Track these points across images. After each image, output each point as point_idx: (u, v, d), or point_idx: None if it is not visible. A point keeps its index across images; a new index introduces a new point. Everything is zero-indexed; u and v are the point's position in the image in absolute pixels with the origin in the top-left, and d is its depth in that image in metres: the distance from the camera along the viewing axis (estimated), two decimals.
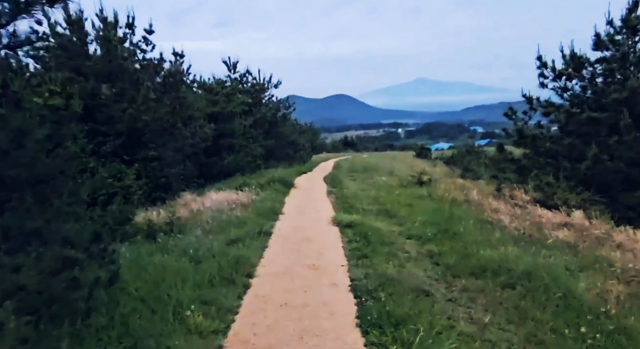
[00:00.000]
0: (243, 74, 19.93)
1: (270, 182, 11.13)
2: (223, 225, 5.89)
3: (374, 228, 6.02)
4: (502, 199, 8.92)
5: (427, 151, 49.57)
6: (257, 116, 19.35)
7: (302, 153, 24.45)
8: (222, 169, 14.81)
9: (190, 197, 9.05)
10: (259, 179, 12.36)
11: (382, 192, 10.86)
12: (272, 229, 6.00)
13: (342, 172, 18.62)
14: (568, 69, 8.95)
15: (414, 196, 9.68)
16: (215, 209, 7.07)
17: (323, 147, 47.69)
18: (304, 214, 7.27)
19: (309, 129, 37.41)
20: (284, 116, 22.40)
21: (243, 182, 11.29)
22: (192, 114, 12.45)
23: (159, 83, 12.32)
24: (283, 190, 10.45)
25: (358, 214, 7.30)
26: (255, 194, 8.74)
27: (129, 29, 11.72)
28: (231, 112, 16.13)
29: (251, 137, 16.62)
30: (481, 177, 27.48)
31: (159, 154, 11.04)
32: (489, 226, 6.26)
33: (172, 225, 5.89)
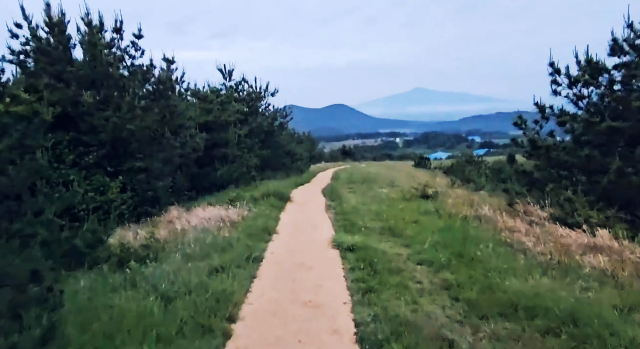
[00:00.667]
0: (239, 82, 19.34)
1: (265, 195, 10.40)
2: (207, 249, 5.16)
3: (379, 252, 5.30)
4: (517, 216, 8.23)
5: (426, 161, 49.01)
6: (253, 125, 18.69)
7: (300, 163, 23.76)
8: (215, 180, 14.09)
9: (177, 213, 8.32)
10: (253, 191, 11.63)
11: (384, 206, 10.14)
12: (263, 252, 5.27)
13: (340, 184, 17.90)
14: (584, 75, 8.33)
15: (419, 211, 8.97)
16: (201, 228, 6.34)
17: (321, 157, 47.07)
18: (300, 234, 6.54)
19: (307, 139, 36.80)
20: (281, 125, 21.77)
21: (236, 195, 10.57)
22: (183, 123, 11.77)
23: (148, 91, 11.67)
24: (278, 204, 9.72)
25: (360, 233, 6.57)
26: (247, 210, 8.01)
27: (117, 34, 11.09)
28: (225, 121, 15.47)
29: (246, 147, 15.94)
30: (483, 188, 26.88)
31: (146, 166, 10.32)
32: (508, 248, 5.54)
33: (149, 249, 5.15)
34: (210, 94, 16.50)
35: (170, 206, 10.29)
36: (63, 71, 9.25)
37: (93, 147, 9.70)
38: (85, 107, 9.18)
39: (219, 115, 15.40)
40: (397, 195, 12.86)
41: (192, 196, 12.59)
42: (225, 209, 7.99)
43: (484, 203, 10.05)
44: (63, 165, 9.21)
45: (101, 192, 9.40)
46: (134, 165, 10.17)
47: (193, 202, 11.38)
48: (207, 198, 12.07)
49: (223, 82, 18.92)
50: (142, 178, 10.30)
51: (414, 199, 11.05)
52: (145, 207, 10.34)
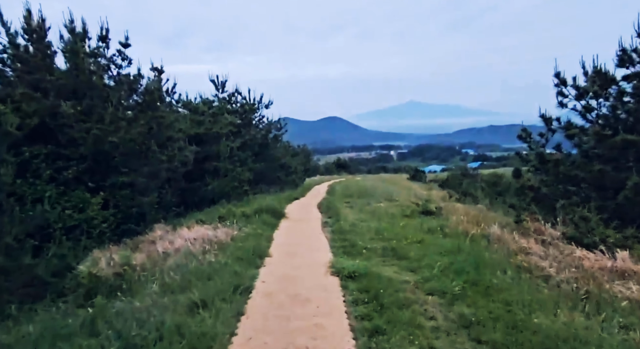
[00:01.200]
0: (232, 93, 18.86)
1: (258, 212, 9.78)
2: (189, 278, 4.53)
3: (384, 280, 4.70)
4: (525, 234, 7.68)
5: (421, 174, 48.71)
6: (247, 138, 18.15)
7: (294, 177, 23.18)
8: (206, 195, 13.45)
9: (162, 232, 7.66)
10: (244, 208, 11.00)
11: (384, 223, 9.56)
12: (253, 281, 4.65)
13: (337, 198, 17.32)
14: (593, 86, 7.93)
15: (422, 229, 8.40)
16: (185, 251, 5.70)
17: (316, 170, 46.56)
18: (295, 257, 5.92)
19: (301, 152, 36.32)
20: (275, 137, 21.25)
21: (226, 212, 9.94)
22: (171, 135, 11.18)
23: (136, 101, 11.10)
24: (272, 222, 9.10)
25: (360, 256, 5.97)
26: (237, 229, 7.37)
27: (103, 42, 10.58)
28: (217, 133, 14.91)
29: (239, 160, 15.35)
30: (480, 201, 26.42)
31: (131, 180, 9.69)
32: (527, 275, 4.97)
33: (123, 278, 4.51)
34: (201, 106, 15.97)
35: (157, 223, 9.63)
36: (42, 80, 8.68)
37: (73, 160, 9.07)
38: (65, 118, 8.58)
39: (211, 127, 14.84)
40: (396, 210, 12.31)
41: (180, 212, 11.92)
42: (213, 228, 7.35)
43: (489, 220, 9.52)
44: (39, 180, 8.55)
45: (80, 209, 8.74)
46: (118, 180, 9.53)
47: (181, 220, 10.73)
48: (196, 215, 11.41)
49: (215, 94, 18.45)
50: (127, 194, 9.65)
51: (415, 216, 10.49)
52: (129, 225, 9.66)
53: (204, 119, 14.90)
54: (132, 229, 9.60)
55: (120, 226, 9.57)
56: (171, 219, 10.99)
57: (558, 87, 9.09)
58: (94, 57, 10.03)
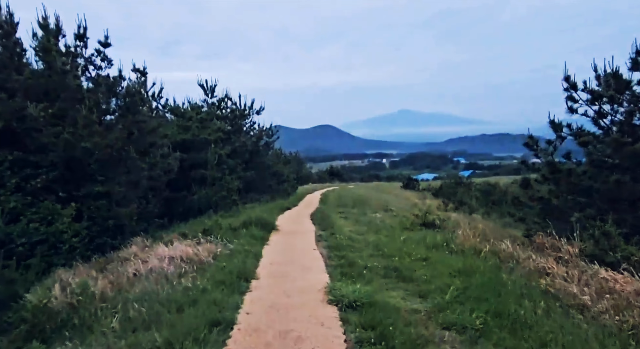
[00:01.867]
0: (221, 98, 18.13)
1: (246, 224, 9.01)
2: (158, 309, 3.76)
3: (391, 311, 3.97)
4: (539, 250, 7.03)
5: (415, 182, 48.22)
6: (236, 145, 17.40)
7: (286, 185, 22.43)
8: (192, 205, 12.63)
9: (137, 248, 6.85)
10: (232, 219, 10.23)
11: (383, 237, 8.86)
12: (235, 313, 3.88)
13: (330, 208, 16.59)
14: (609, 90, 7.37)
15: (425, 244, 7.70)
16: (158, 272, 4.92)
17: (309, 178, 45.83)
18: (286, 279, 5.17)
19: (294, 159, 35.61)
20: (266, 144, 20.51)
21: (213, 224, 9.15)
22: (154, 142, 10.40)
23: (117, 105, 10.33)
24: (261, 235, 8.32)
25: (361, 278, 5.24)
26: (222, 246, 6.59)
27: (80, 41, 9.83)
28: (205, 139, 14.15)
29: (228, 168, 14.58)
30: (476, 211, 25.93)
31: (108, 190, 8.87)
32: (556, 303, 4.28)
33: (77, 310, 3.72)
34: (189, 111, 15.22)
35: (136, 236, 8.80)
36: (8, 79, 7.88)
37: (42, 168, 8.24)
38: (33, 121, 7.78)
39: (198, 133, 14.08)
40: (394, 222, 11.61)
41: (164, 224, 11.09)
42: (195, 244, 6.56)
43: (497, 234, 8.87)
44: (3, 189, 7.71)
45: (49, 222, 7.89)
46: (93, 189, 8.71)
47: (164, 232, 9.91)
48: (180, 227, 10.60)
49: (204, 99, 17.71)
50: (103, 204, 8.82)
51: (415, 228, 9.80)
52: (104, 239, 8.82)
53: (191, 124, 14.14)
54: (108, 243, 8.76)
55: (95, 240, 8.73)
56: (153, 231, 10.16)
57: (568, 92, 8.54)
58: (70, 57, 9.27)
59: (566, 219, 8.23)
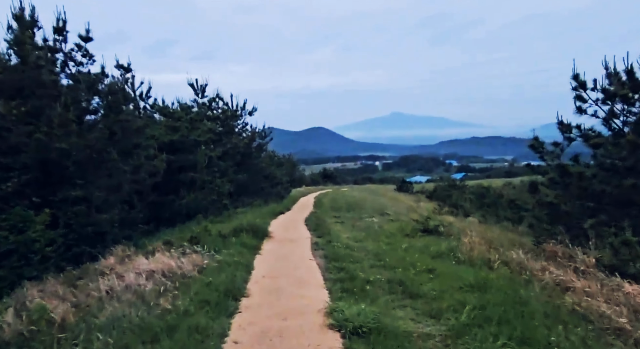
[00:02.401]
0: (212, 98, 17.51)
1: (237, 231, 8.42)
2: (128, 341, 3.17)
3: (401, 338, 3.43)
4: (551, 260, 6.55)
5: (408, 185, 47.86)
6: (228, 146, 16.80)
7: (280, 188, 21.84)
8: (180, 210, 11.99)
9: (116, 260, 6.23)
10: (222, 225, 9.62)
11: (384, 245, 8.33)
12: (221, 343, 3.31)
13: (325, 212, 16.05)
14: (624, 88, 6.93)
15: (429, 252, 7.18)
16: (134, 290, 4.32)
17: (302, 180, 45.23)
18: (280, 296, 4.60)
19: (287, 161, 35.01)
20: (259, 146, 19.92)
21: (201, 231, 8.54)
22: (139, 143, 9.76)
23: (99, 104, 9.68)
24: (253, 244, 7.74)
25: (363, 294, 4.69)
26: (209, 257, 5.99)
27: (59, 35, 9.19)
28: (195, 141, 13.53)
29: (218, 171, 13.96)
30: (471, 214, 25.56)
31: (87, 194, 8.23)
32: (589, 326, 3.77)
33: (31, 340, 3.12)
34: (178, 111, 14.59)
35: (119, 244, 8.16)
36: None
37: (14, 171, 7.58)
38: (2, 120, 7.12)
39: (188, 134, 13.46)
40: (393, 227, 11.09)
41: (150, 230, 10.44)
42: (180, 254, 5.96)
43: (503, 241, 8.39)
44: None
45: (20, 230, 7.22)
46: (70, 194, 8.06)
47: (149, 239, 9.28)
48: (166, 233, 9.97)
49: (194, 99, 17.08)
50: (81, 210, 8.17)
51: (416, 235, 9.29)
52: (82, 248, 8.17)
53: (180, 125, 13.51)
54: (87, 252, 8.11)
55: (72, 248, 8.07)
56: (137, 238, 9.51)
57: (577, 91, 8.11)
58: (46, 51, 8.62)
59: (576, 225, 7.79)
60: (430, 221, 10.04)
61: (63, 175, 8.24)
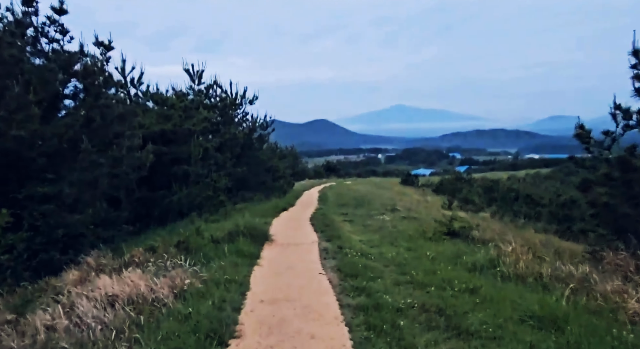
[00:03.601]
0: (209, 85, 16.18)
1: (233, 235, 7.20)
2: None
3: None
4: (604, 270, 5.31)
5: (414, 178, 46.46)
6: (226, 137, 15.52)
7: (282, 182, 20.59)
8: (172, 207, 10.78)
9: (77, 275, 5.02)
10: (217, 226, 8.41)
11: (404, 251, 7.10)
12: None
13: (331, 208, 14.82)
14: None
15: (463, 263, 5.95)
16: (86, 327, 3.12)
17: (305, 173, 44.00)
18: (283, 338, 3.35)
19: (290, 154, 33.75)
20: (260, 137, 18.62)
21: (192, 233, 7.33)
22: (121, 131, 8.51)
23: (75, 87, 8.41)
24: (250, 251, 6.50)
25: (397, 333, 3.47)
26: (192, 275, 4.75)
27: (27, 6, 7.91)
28: (190, 130, 12.27)
29: (215, 164, 12.72)
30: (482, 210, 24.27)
31: (57, 191, 7.01)
32: None
33: None
34: (171, 98, 13.31)
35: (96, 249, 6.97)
36: None
37: None
38: None
39: (181, 123, 12.20)
40: (409, 228, 9.84)
41: (136, 231, 9.24)
42: (155, 271, 4.74)
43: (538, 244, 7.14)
44: None
45: None
46: (37, 190, 6.84)
47: (129, 243, 8.09)
48: (154, 234, 8.78)
49: (190, 85, 15.75)
50: (50, 209, 6.95)
51: (440, 239, 8.04)
52: (51, 254, 6.97)
53: (173, 113, 12.25)
54: (57, 259, 6.91)
55: (39, 254, 6.87)
56: (119, 240, 8.32)
57: (636, 69, 6.79)
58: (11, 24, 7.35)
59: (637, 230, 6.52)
60: (455, 222, 8.77)
61: (29, 169, 7.02)
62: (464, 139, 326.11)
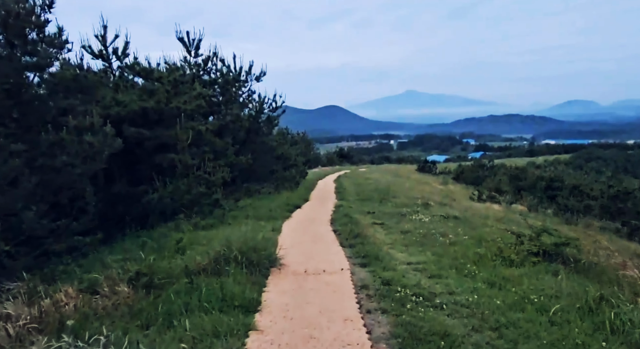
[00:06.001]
0: (208, 57, 13.56)
1: (221, 261, 4.72)
2: None
3: None
4: None
5: (431, 165, 43.45)
6: (228, 119, 13.01)
7: (294, 171, 18.07)
8: (152, 208, 8.38)
9: None
10: (208, 235, 5.97)
11: (484, 287, 4.57)
12: None
13: (353, 204, 12.32)
14: None
15: (594, 321, 3.41)
16: None
17: (318, 161, 41.45)
18: None
19: (302, 140, 31.21)
20: (269, 119, 15.99)
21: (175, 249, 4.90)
22: (70, 107, 6.03)
23: None
24: (244, 297, 3.99)
25: None
26: None
27: None
28: (179, 109, 9.78)
29: (212, 151, 10.24)
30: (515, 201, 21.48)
31: None
32: None
33: None
34: (159, 70, 10.79)
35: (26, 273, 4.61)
36: None
37: None
38: None
39: (169, 100, 9.70)
40: (467, 239, 7.25)
41: (95, 242, 6.82)
42: None
43: None
44: None
45: None
46: None
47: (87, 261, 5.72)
48: (120, 248, 6.40)
49: (185, 57, 13.18)
50: None
51: (526, 260, 5.44)
52: None
53: (159, 88, 9.75)
54: None
55: None
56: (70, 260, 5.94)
57: None
58: None
59: None
60: (546, 236, 6.09)
61: None
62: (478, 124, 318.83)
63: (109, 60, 11.43)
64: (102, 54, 11.28)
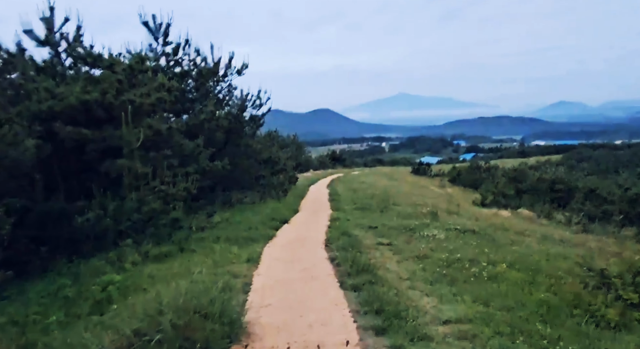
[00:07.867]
0: (179, 44, 11.52)
1: (150, 332, 2.74)
2: None
3: None
4: None
5: (426, 168, 41.85)
6: (202, 117, 11.00)
7: (282, 177, 16.06)
8: (87, 231, 6.32)
9: None
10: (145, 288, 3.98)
11: None
12: None
13: (350, 215, 10.39)
14: None
15: None
16: None
17: (309, 164, 39.47)
18: None
19: (292, 143, 29.25)
20: (252, 119, 14.00)
21: (95, 303, 2.90)
22: None
23: None
24: None
25: None
26: None
27: None
28: (133, 104, 7.76)
29: (175, 156, 8.22)
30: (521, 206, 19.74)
31: None
32: None
33: None
34: (108, 58, 8.75)
35: None
36: None
37: None
38: None
39: (118, 92, 7.66)
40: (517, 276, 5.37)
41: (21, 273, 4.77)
42: None
43: None
44: None
45: None
46: None
47: None
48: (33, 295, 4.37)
49: (150, 45, 11.14)
50: None
51: (630, 320, 3.59)
52: None
53: (105, 76, 7.73)
54: None
55: None
56: None
57: None
58: None
59: None
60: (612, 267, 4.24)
61: None
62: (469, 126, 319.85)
63: (56, 48, 9.42)
64: (49, 40, 9.28)
